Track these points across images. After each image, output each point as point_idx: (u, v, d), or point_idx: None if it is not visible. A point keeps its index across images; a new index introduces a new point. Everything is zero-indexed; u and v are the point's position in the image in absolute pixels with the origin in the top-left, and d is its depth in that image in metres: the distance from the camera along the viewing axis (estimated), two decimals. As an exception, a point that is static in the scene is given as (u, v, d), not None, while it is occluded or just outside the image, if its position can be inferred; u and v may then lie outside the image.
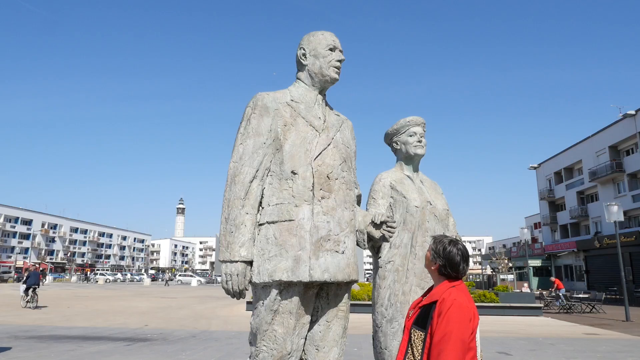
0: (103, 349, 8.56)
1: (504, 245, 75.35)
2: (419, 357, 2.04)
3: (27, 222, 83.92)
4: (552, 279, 24.63)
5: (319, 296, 2.78)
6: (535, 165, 51.09)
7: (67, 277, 70.05)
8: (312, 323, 2.77)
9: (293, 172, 2.69)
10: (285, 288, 2.58)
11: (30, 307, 18.05)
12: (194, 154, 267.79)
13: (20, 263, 76.21)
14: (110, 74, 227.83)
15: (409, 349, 2.11)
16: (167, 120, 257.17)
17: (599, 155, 39.14)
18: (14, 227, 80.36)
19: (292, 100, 2.87)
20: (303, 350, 2.73)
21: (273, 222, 2.64)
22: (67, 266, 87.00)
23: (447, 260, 2.15)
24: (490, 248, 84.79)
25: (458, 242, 2.22)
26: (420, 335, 2.07)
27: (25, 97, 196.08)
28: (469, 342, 1.98)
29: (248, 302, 17.81)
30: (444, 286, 2.13)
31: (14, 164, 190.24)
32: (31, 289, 18.28)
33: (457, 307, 1.99)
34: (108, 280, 63.02)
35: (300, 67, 3.02)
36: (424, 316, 2.10)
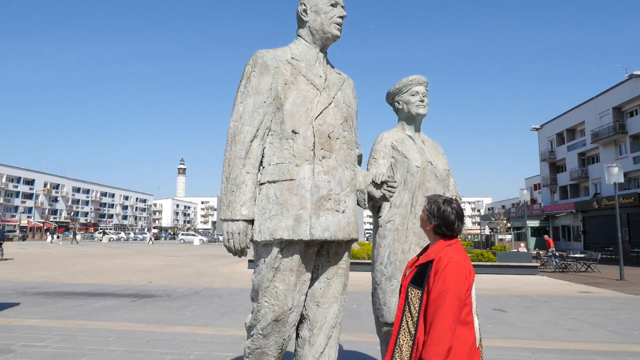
0: (109, 305, 8.79)
1: (503, 206, 75.89)
2: (416, 315, 2.08)
3: (30, 182, 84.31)
4: (545, 237, 24.95)
5: (319, 254, 2.82)
6: (538, 127, 50.72)
7: (70, 235, 71.08)
8: (313, 280, 2.82)
9: (294, 132, 2.66)
10: (286, 246, 2.62)
11: None
12: (194, 114, 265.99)
13: (24, 222, 77.10)
14: (111, 33, 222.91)
15: (407, 306, 2.16)
16: (167, 80, 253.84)
17: (602, 116, 38.81)
18: (16, 186, 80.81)
19: (292, 58, 2.80)
20: (304, 306, 2.80)
21: (274, 182, 2.65)
22: (70, 225, 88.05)
23: (442, 220, 2.17)
24: (489, 209, 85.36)
25: (452, 200, 2.22)
26: (417, 293, 2.11)
27: (27, 57, 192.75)
28: (465, 298, 2.03)
29: (250, 260, 18.13)
30: (440, 245, 2.16)
31: (15, 124, 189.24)
32: None
33: (454, 265, 2.03)
34: (112, 239, 64.04)
35: (301, 23, 2.94)
36: (420, 275, 2.14)
